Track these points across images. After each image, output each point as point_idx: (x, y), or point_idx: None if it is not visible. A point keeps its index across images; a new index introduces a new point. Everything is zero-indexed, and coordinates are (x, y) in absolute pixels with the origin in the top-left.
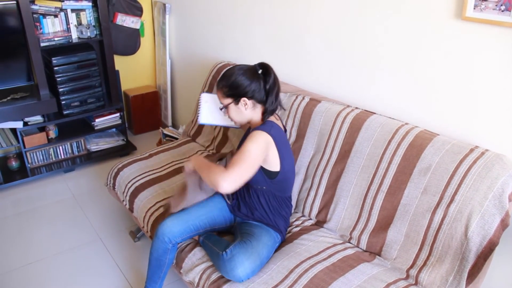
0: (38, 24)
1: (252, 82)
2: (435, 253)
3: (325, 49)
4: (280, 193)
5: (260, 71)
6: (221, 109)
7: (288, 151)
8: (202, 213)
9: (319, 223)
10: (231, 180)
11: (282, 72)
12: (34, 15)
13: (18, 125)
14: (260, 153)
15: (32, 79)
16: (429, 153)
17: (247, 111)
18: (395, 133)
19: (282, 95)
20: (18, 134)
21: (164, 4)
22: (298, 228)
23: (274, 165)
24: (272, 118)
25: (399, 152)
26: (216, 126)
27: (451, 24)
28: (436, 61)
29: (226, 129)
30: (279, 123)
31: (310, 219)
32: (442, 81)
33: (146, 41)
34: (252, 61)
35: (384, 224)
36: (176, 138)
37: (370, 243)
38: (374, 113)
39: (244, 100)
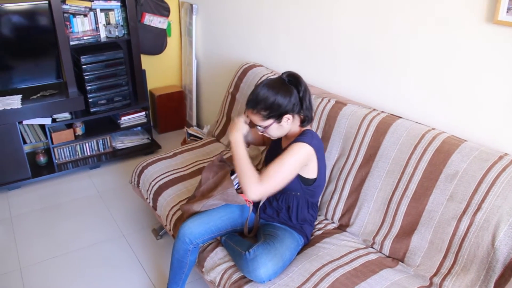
0: (68, 23)
1: (290, 97)
2: (460, 261)
3: (351, 52)
4: (311, 198)
5: (288, 81)
6: (261, 132)
7: (324, 159)
8: (223, 214)
9: (342, 227)
10: (262, 191)
11: (307, 74)
12: (65, 15)
13: (47, 121)
14: (298, 166)
15: (61, 77)
16: (456, 160)
17: (288, 125)
18: (422, 138)
19: None
20: (47, 130)
21: (191, 5)
22: (320, 232)
23: (312, 173)
24: (309, 126)
25: (425, 157)
26: None
27: (482, 28)
28: (466, 66)
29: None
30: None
31: (333, 222)
32: (471, 86)
33: (172, 41)
34: (278, 62)
35: (408, 230)
36: (201, 138)
37: (393, 248)
38: (400, 117)
39: (287, 116)
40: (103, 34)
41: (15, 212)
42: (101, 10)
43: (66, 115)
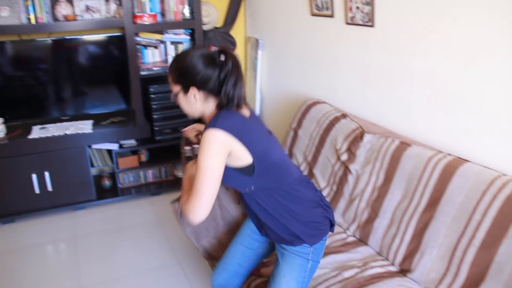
0: (139, 54)
1: (206, 69)
2: None
3: (418, 92)
4: (276, 183)
5: (220, 58)
6: (170, 98)
7: (256, 134)
8: (247, 258)
9: (403, 272)
10: (195, 211)
11: (371, 113)
12: (137, 46)
13: (114, 147)
14: (219, 160)
15: (129, 105)
16: None
17: (198, 103)
18: (491, 184)
19: (370, 136)
20: (113, 155)
21: (257, 40)
22: (382, 269)
23: (245, 158)
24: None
25: (494, 204)
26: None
27: None
28: None
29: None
30: (242, 110)
31: (393, 265)
32: None
33: None
34: (342, 99)
35: (474, 282)
36: None
37: None
38: (468, 161)
39: (193, 90)
40: None
41: (79, 232)
42: (171, 42)
43: (132, 142)
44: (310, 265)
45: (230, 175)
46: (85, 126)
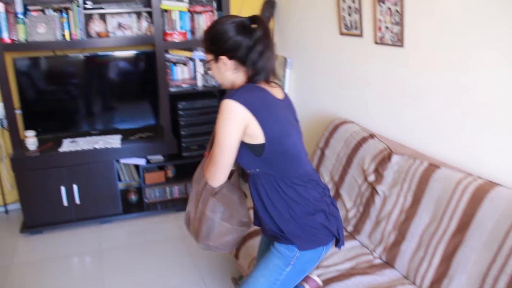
0: (169, 70)
1: (237, 36)
2: None
3: (448, 113)
4: (281, 173)
5: (252, 25)
6: (205, 64)
7: (276, 117)
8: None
9: None
10: (212, 179)
11: (400, 133)
12: (167, 63)
13: (142, 162)
14: (235, 132)
15: (157, 121)
16: None
17: (228, 73)
18: None
19: (398, 157)
20: (140, 170)
21: (285, 59)
22: None
23: (257, 137)
24: (261, 84)
25: None
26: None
27: None
28: None
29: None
30: (270, 88)
31: None
32: None
33: None
34: (370, 119)
35: None
36: None
37: None
38: (499, 185)
39: (223, 58)
40: (200, 83)
41: (104, 245)
42: (200, 60)
43: (159, 157)
44: (289, 269)
45: (239, 149)
46: (114, 141)
